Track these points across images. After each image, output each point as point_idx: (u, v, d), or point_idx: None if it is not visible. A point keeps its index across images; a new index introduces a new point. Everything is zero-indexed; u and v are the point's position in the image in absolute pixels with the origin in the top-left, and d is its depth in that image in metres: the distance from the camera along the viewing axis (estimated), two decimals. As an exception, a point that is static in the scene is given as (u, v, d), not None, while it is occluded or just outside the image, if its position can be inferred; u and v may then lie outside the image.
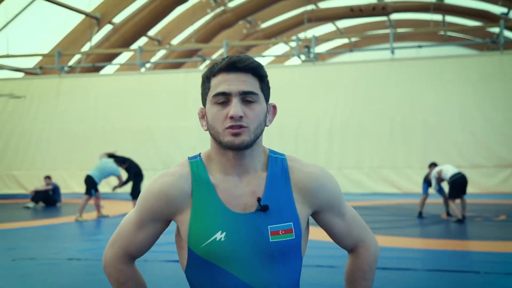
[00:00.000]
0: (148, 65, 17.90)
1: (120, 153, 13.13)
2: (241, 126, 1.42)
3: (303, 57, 15.47)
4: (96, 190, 10.40)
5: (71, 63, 18.25)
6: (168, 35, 22.07)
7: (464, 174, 9.15)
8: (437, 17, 24.95)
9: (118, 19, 18.69)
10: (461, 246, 7.21)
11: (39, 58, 18.30)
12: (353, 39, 28.83)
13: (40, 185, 13.40)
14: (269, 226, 1.47)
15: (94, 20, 18.08)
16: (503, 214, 9.76)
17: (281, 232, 1.48)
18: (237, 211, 1.48)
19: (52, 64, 17.58)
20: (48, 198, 12.83)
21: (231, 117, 1.42)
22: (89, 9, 17.96)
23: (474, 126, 12.92)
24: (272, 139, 13.77)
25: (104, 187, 13.28)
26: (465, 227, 8.66)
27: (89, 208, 11.07)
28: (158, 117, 14.75)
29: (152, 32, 20.65)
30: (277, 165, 1.54)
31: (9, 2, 15.56)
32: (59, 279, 5.43)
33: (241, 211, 1.48)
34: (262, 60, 27.07)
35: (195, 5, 20.68)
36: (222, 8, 21.18)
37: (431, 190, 9.81)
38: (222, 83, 1.45)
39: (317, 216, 1.59)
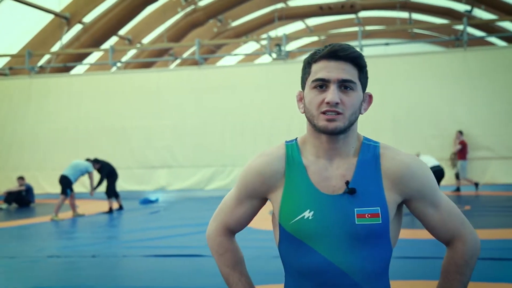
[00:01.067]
0: (119, 64, 17.89)
1: (94, 152, 13.17)
2: (336, 112, 1.49)
3: (274, 55, 15.69)
4: (71, 190, 10.47)
5: (41, 63, 18.12)
6: (138, 34, 22.04)
7: (442, 168, 9.52)
8: (404, 14, 25.50)
9: (88, 18, 18.61)
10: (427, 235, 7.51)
11: (7, 58, 18.12)
12: (323, 37, 29.21)
13: (13, 186, 13.35)
14: (355, 209, 1.52)
15: (64, 19, 17.97)
16: (467, 205, 10.15)
17: (367, 216, 1.51)
18: (326, 192, 1.54)
19: (21, 64, 17.43)
20: (21, 199, 12.80)
21: (328, 103, 1.49)
22: (58, 8, 17.85)
23: (441, 121, 13.32)
24: (245, 136, 13.98)
25: (78, 187, 13.30)
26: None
27: (64, 207, 11.10)
28: (132, 116, 14.79)
29: (122, 31, 20.60)
30: (369, 152, 1.59)
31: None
32: (41, 276, 5.55)
33: (330, 192, 1.54)
34: (233, 58, 27.25)
35: (165, 4, 20.72)
36: (192, 7, 21.27)
37: None
38: (322, 69, 1.51)
39: (409, 205, 1.60)
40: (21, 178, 13.02)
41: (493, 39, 24.94)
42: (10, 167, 15.01)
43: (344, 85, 1.50)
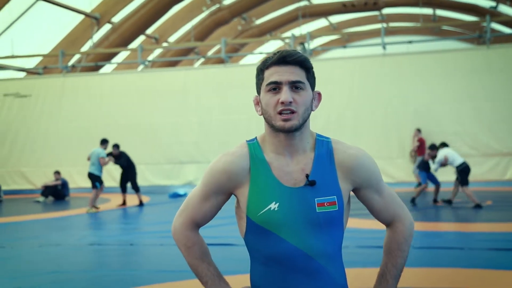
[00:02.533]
0: (146, 63, 18.40)
1: (124, 148, 13.71)
2: (291, 111, 1.63)
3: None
4: (101, 183, 11.01)
5: (71, 62, 18.72)
6: (165, 33, 22.53)
7: (467, 164, 9.74)
8: (428, 11, 25.54)
9: (117, 18, 19.16)
10: (448, 227, 7.83)
11: (40, 58, 18.77)
12: (346, 36, 29.39)
13: (49, 180, 13.95)
14: (316, 199, 1.67)
15: (94, 20, 18.55)
16: (489, 200, 10.39)
17: (326, 204, 1.67)
18: (289, 185, 1.68)
19: (53, 63, 18.06)
20: (57, 193, 13.40)
21: (282, 102, 1.63)
22: (88, 9, 18.42)
23: (463, 117, 13.52)
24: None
25: (109, 181, 13.86)
26: (455, 211, 9.28)
27: (100, 200, 11.61)
28: (160, 114, 15.28)
29: (149, 31, 21.10)
30: (323, 147, 1.74)
31: (12, 4, 16.00)
32: (86, 261, 6.03)
33: (292, 185, 1.68)
34: (257, 56, 27.57)
35: (191, 3, 21.12)
36: (217, 5, 21.66)
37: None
38: (274, 74, 1.66)
39: (357, 192, 1.78)
40: (57, 173, 13.62)
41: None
42: (44, 163, 15.63)
43: (294, 85, 1.65)
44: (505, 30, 24.11)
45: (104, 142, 11.64)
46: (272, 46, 28.96)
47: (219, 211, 1.79)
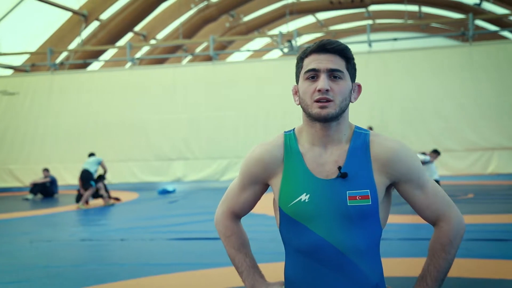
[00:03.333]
0: (134, 60, 18.46)
1: (113, 145, 13.83)
2: (327, 100, 1.61)
3: (285, 50, 16.19)
4: (96, 182, 11.13)
5: (59, 59, 18.74)
6: (153, 30, 22.60)
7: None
8: (414, 8, 25.82)
9: (105, 15, 19.21)
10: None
11: (28, 55, 18.77)
12: (333, 30, 29.60)
13: (37, 177, 14.02)
14: (347, 191, 1.64)
15: (82, 17, 18.58)
16: (471, 193, 10.65)
17: (358, 198, 1.63)
18: (321, 177, 1.67)
19: (41, 61, 18.09)
20: (46, 190, 13.47)
21: (319, 90, 1.61)
22: (76, 6, 18.45)
23: (446, 113, 13.80)
24: (258, 129, 14.53)
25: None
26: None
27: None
28: (148, 110, 15.40)
29: (137, 28, 21.16)
30: (360, 139, 1.71)
31: None
32: (77, 256, 6.17)
33: (324, 177, 1.67)
34: (245, 53, 27.71)
35: (179, 0, 21.21)
36: (205, 2, 21.77)
37: None
38: (313, 61, 1.65)
39: (398, 187, 1.72)
40: (46, 170, 13.69)
41: (505, 33, 25.08)
42: (33, 160, 15.70)
43: (333, 74, 1.63)
44: (490, 27, 24.44)
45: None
46: (259, 43, 29.10)
47: (259, 201, 1.79)
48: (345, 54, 1.66)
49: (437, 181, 9.92)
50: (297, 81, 1.72)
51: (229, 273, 4.64)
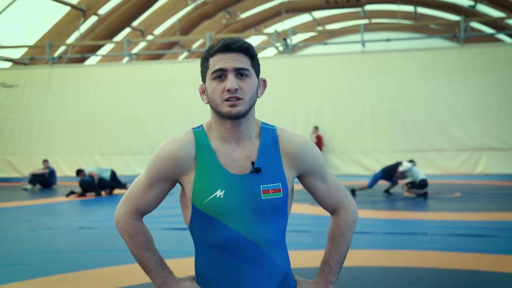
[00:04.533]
0: (132, 56, 18.70)
1: (109, 138, 14.07)
2: (237, 98, 1.63)
3: (280, 48, 16.47)
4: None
5: (57, 53, 18.95)
6: (150, 26, 22.81)
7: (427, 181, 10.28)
8: (409, 8, 26.14)
9: (103, 10, 19.42)
10: (416, 216, 8.38)
11: (25, 48, 18.98)
12: (329, 29, 29.89)
13: (36, 168, 14.26)
14: (261, 186, 1.67)
15: (80, 11, 18.79)
16: (458, 192, 10.98)
17: (271, 191, 1.68)
18: (234, 172, 1.68)
19: (39, 54, 18.32)
20: (44, 181, 13.72)
21: (228, 90, 1.62)
22: (75, 1, 18.65)
23: (437, 114, 14.14)
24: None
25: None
26: (425, 202, 9.83)
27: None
28: (145, 105, 15.68)
29: (135, 23, 21.38)
30: (269, 135, 1.75)
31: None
32: (77, 243, 6.46)
33: (238, 172, 1.68)
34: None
35: (177, -4, 21.45)
36: (202, -1, 22.01)
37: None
38: (219, 61, 1.65)
39: (302, 179, 1.79)
40: (45, 161, 13.94)
41: (501, 36, 25.34)
42: (31, 151, 15.96)
43: (240, 72, 1.64)
44: (486, 29, 24.79)
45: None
46: (255, 40, 29.34)
47: (164, 199, 1.77)
48: (249, 52, 1.68)
49: (424, 180, 10.23)
50: (203, 80, 1.72)
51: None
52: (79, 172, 11.95)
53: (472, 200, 9.85)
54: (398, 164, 10.54)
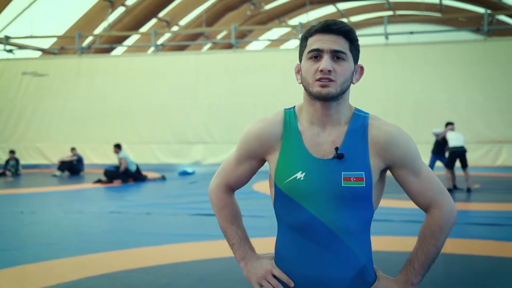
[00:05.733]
0: (159, 46, 19.05)
1: (135, 128, 14.48)
2: (329, 79, 1.60)
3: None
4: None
5: (85, 43, 19.39)
6: (176, 16, 23.10)
7: (462, 149, 9.91)
8: (435, 0, 26.00)
9: (130, 1, 19.80)
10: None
11: (55, 38, 19.47)
12: (353, 21, 29.87)
13: (65, 155, 14.77)
14: (342, 172, 1.63)
15: (108, 2, 19.19)
16: (478, 183, 11.11)
17: (353, 179, 1.63)
18: (317, 156, 1.66)
19: (68, 44, 18.78)
20: (73, 168, 14.21)
21: (321, 70, 1.60)
22: (103, -8, 19.05)
23: (459, 106, 14.22)
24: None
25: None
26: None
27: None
28: (171, 95, 16.04)
29: (161, 14, 21.71)
30: (359, 121, 1.70)
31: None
32: (107, 225, 6.83)
33: (320, 156, 1.65)
34: (263, 43, 28.17)
35: (203, -12, 21.70)
36: (228, -10, 22.22)
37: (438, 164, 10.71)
38: (317, 41, 1.63)
39: (393, 171, 1.70)
40: (73, 149, 14.44)
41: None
42: (60, 139, 16.47)
43: (336, 55, 1.61)
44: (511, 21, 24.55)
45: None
46: (278, 32, 29.49)
47: (254, 175, 1.81)
48: (349, 36, 1.64)
49: (453, 149, 9.98)
50: (300, 60, 1.71)
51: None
52: (117, 146, 12.51)
53: (491, 192, 10.01)
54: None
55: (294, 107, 1.76)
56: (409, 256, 1.75)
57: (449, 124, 10.49)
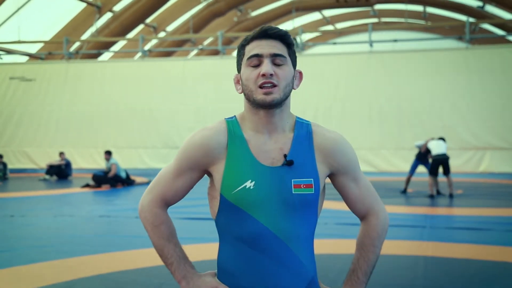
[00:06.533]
0: (146, 52, 19.17)
1: (123, 132, 14.58)
2: (272, 84, 1.58)
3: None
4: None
5: (72, 48, 19.46)
6: (163, 22, 23.28)
7: (444, 157, 10.17)
8: (419, 7, 26.40)
9: (118, 7, 19.91)
10: (416, 210, 8.80)
11: (43, 43, 19.51)
12: (338, 28, 30.22)
13: (51, 160, 14.82)
14: (292, 180, 1.61)
15: (96, 8, 19.29)
16: (460, 189, 11.36)
17: (303, 186, 1.61)
18: (266, 164, 1.62)
19: (55, 49, 18.84)
20: (61, 172, 14.27)
21: (263, 75, 1.57)
22: (91, -3, 19.15)
23: (442, 113, 14.53)
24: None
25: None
26: (430, 199, 10.21)
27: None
28: (158, 100, 16.18)
29: (148, 19, 21.84)
30: (303, 129, 1.69)
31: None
32: (98, 229, 6.94)
33: (269, 164, 1.62)
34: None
35: (190, -6, 21.89)
36: (215, -3, 22.42)
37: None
38: (255, 47, 1.62)
39: (334, 178, 1.71)
40: (62, 153, 14.50)
41: (510, 37, 25.47)
42: (47, 143, 16.51)
43: (276, 59, 1.60)
44: (496, 31, 25.02)
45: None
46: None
47: (190, 190, 1.72)
48: (286, 40, 1.64)
49: (437, 156, 10.20)
50: (239, 70, 1.68)
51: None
52: (108, 152, 12.61)
53: (473, 197, 10.26)
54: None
55: (234, 116, 1.73)
56: (351, 267, 1.75)
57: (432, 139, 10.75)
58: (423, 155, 10.81)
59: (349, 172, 1.70)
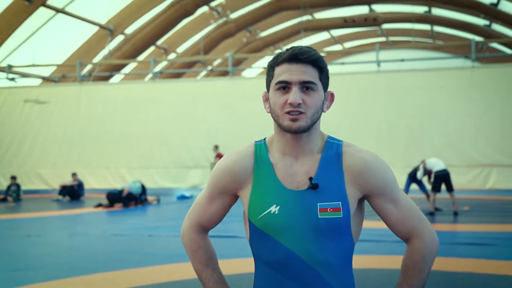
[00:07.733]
0: (157, 74, 19.54)
1: (135, 153, 14.90)
2: (299, 112, 1.54)
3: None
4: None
5: (84, 71, 19.88)
6: (173, 44, 23.71)
7: (445, 172, 10.35)
8: (426, 27, 26.70)
9: (130, 30, 20.35)
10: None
11: (56, 67, 19.96)
12: (346, 47, 30.56)
13: (66, 180, 15.13)
14: (318, 204, 1.56)
15: (108, 31, 19.73)
16: (467, 205, 11.49)
17: (329, 210, 1.55)
18: (291, 188, 1.59)
19: (67, 72, 19.27)
20: (73, 192, 14.56)
21: (290, 103, 1.54)
22: (103, 21, 19.60)
23: (450, 131, 14.71)
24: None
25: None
26: (436, 215, 10.35)
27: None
28: (169, 121, 16.47)
29: (159, 41, 22.28)
30: (332, 149, 1.63)
31: (34, 15, 17.17)
32: (113, 247, 7.16)
33: (295, 188, 1.59)
34: (258, 71, 28.74)
35: (199, 16, 22.28)
36: (224, 19, 22.84)
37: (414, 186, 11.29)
38: (285, 72, 1.56)
39: (370, 200, 1.63)
40: (74, 174, 14.81)
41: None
42: (60, 165, 16.83)
43: (305, 86, 1.56)
44: (504, 49, 25.20)
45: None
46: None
47: (227, 213, 1.74)
48: (318, 64, 1.59)
49: (439, 172, 10.36)
50: (268, 88, 1.65)
51: (242, 263, 5.60)
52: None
53: (479, 214, 10.39)
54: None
55: (264, 139, 1.72)
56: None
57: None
58: (414, 174, 11.04)
59: (385, 194, 1.61)
